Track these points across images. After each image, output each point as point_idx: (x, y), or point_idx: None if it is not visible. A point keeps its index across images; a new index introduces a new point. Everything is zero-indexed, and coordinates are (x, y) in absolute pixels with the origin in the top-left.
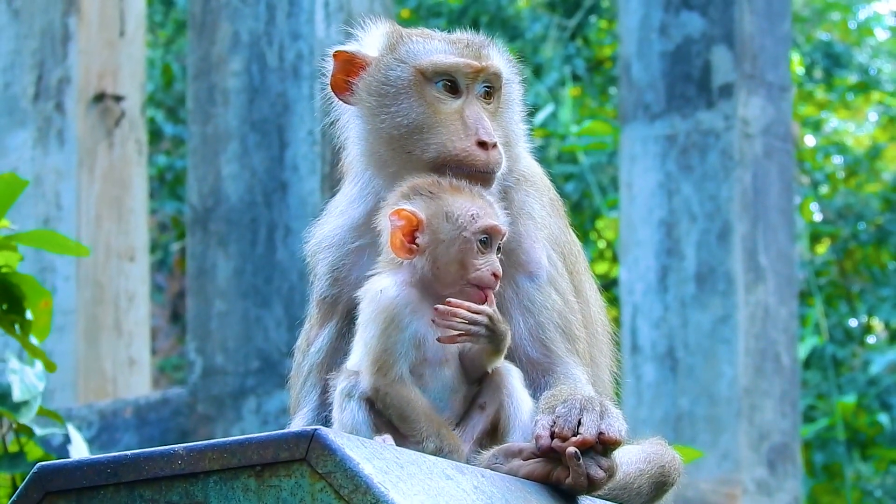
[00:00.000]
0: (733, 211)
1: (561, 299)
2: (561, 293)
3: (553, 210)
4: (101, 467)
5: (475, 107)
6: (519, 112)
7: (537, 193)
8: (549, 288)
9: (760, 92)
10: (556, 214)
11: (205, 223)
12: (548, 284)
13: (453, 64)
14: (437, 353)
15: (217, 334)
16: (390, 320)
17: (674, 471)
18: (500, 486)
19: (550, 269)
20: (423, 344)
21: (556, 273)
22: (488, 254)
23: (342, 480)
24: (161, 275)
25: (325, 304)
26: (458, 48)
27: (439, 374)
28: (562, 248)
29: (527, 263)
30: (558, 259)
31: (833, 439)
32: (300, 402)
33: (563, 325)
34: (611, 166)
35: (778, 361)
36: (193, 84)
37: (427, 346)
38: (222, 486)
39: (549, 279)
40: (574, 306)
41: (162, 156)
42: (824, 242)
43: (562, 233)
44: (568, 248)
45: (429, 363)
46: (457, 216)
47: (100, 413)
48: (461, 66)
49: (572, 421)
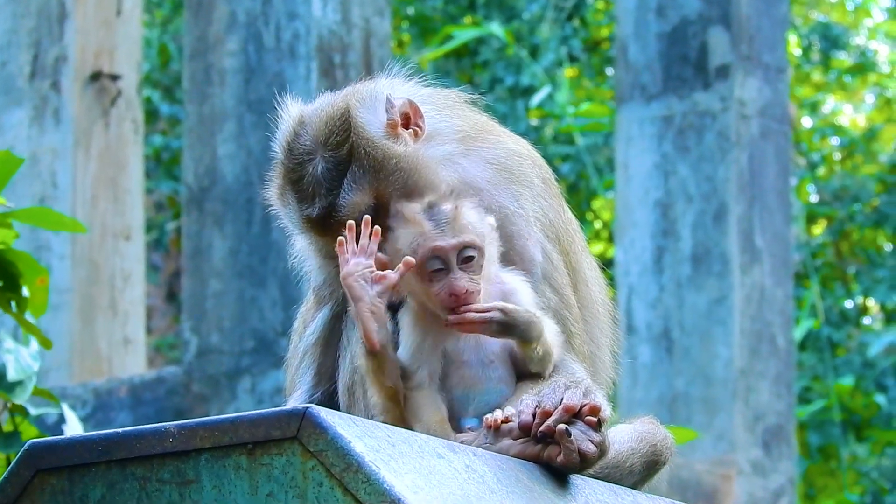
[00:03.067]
0: (729, 192)
1: (556, 296)
2: (556, 288)
3: (546, 190)
4: (93, 445)
5: None
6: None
7: (526, 177)
8: (544, 285)
9: (757, 73)
10: (549, 195)
11: (201, 203)
12: (542, 281)
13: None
14: (476, 355)
15: (212, 314)
16: (412, 329)
17: (666, 450)
18: (491, 465)
19: (545, 265)
20: (455, 349)
21: (551, 266)
22: (445, 275)
23: (333, 459)
24: (157, 254)
25: (320, 291)
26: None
27: (486, 375)
28: (556, 231)
29: (519, 262)
30: (553, 248)
31: (828, 421)
32: (295, 384)
33: (559, 323)
34: (607, 147)
35: (773, 343)
36: (190, 64)
37: (461, 349)
38: (214, 464)
39: (543, 275)
40: (570, 301)
41: (158, 136)
42: (820, 224)
43: (556, 214)
44: (563, 228)
45: (469, 365)
46: (403, 253)
47: (95, 392)
48: None
49: (556, 399)
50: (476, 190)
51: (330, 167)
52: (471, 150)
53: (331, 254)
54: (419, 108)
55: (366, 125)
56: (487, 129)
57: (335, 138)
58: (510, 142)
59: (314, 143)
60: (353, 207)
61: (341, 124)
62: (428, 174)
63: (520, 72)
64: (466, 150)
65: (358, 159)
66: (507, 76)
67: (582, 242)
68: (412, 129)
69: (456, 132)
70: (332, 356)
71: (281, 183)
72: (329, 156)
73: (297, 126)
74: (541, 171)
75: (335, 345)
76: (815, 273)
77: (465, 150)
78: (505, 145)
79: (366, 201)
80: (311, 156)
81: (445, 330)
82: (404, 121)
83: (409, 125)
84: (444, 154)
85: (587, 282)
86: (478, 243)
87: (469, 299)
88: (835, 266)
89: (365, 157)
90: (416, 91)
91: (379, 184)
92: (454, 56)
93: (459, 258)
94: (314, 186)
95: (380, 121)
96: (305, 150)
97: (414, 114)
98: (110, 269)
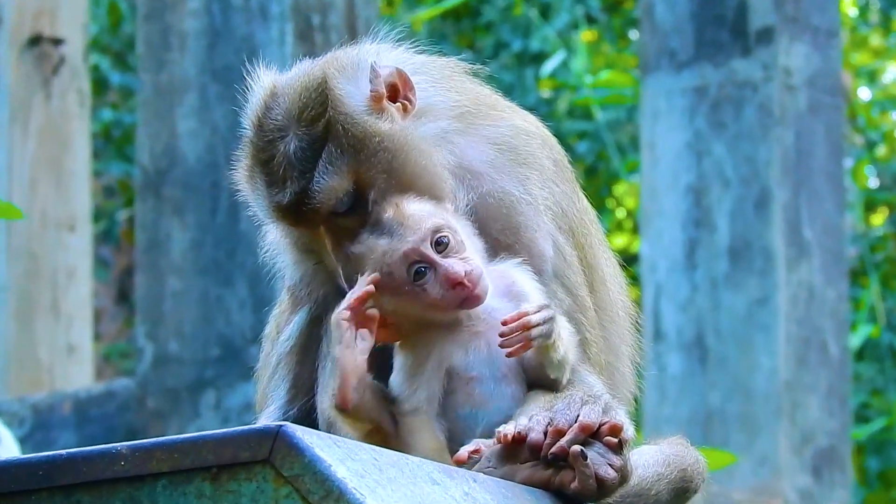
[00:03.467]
0: (773, 176)
1: (569, 296)
2: (569, 288)
3: (557, 174)
4: (33, 469)
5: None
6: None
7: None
8: (556, 284)
9: (805, 37)
10: (561, 179)
11: (157, 188)
12: (553, 280)
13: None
14: (489, 369)
15: (171, 317)
16: (413, 350)
17: (697, 475)
18: (493, 493)
19: (556, 260)
20: (463, 363)
21: (564, 263)
22: (433, 274)
23: (311, 485)
24: (106, 247)
25: (297, 291)
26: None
27: (498, 392)
28: (570, 222)
29: (527, 258)
30: (566, 241)
31: (890, 442)
32: (267, 398)
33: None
34: (631, 123)
35: (825, 351)
36: (144, 25)
37: (470, 363)
38: (172, 491)
39: (554, 273)
40: (585, 302)
41: (108, 109)
42: (881, 212)
43: (569, 202)
44: (577, 218)
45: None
46: (376, 268)
47: (33, 408)
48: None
49: (571, 415)
50: (475, 174)
51: (304, 146)
52: (470, 128)
53: (308, 247)
54: (409, 79)
55: (345, 97)
56: (490, 103)
57: (309, 113)
58: (517, 118)
59: (287, 118)
60: (329, 193)
61: (317, 96)
62: (417, 156)
63: (529, 35)
64: (465, 127)
65: (335, 137)
66: (515, 40)
67: (599, 235)
68: (401, 103)
69: (452, 107)
70: (309, 366)
71: (249, 164)
72: (302, 133)
73: (269, 98)
74: (552, 151)
75: (314, 353)
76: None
77: (464, 128)
78: (511, 122)
79: (344, 186)
80: (282, 133)
81: (451, 345)
82: (391, 93)
83: (396, 98)
84: (437, 132)
85: (605, 281)
86: (441, 223)
87: (473, 279)
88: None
89: (343, 135)
90: (406, 59)
91: (359, 166)
92: (452, 17)
93: (436, 248)
94: (285, 168)
95: (362, 93)
96: (277, 126)
97: (403, 85)
98: (52, 265)
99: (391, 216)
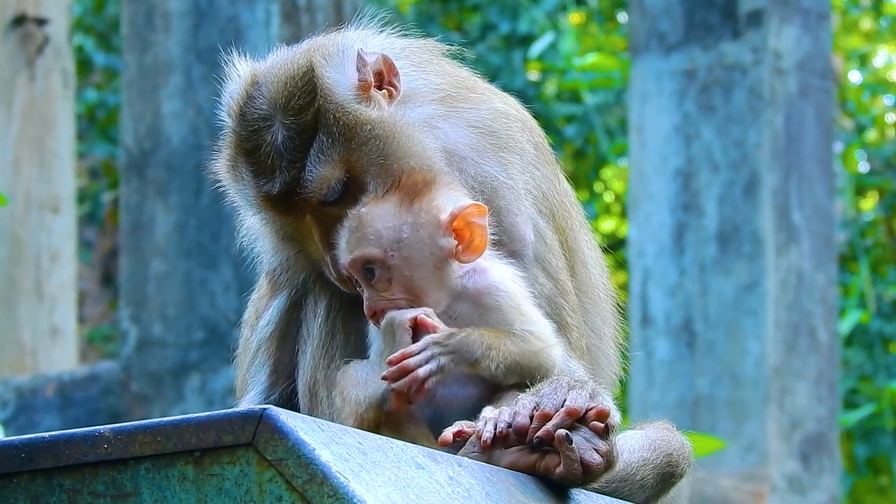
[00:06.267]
0: (762, 159)
1: (550, 280)
2: (550, 272)
3: (538, 157)
4: (14, 451)
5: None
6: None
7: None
8: (536, 268)
9: (795, 20)
10: (541, 162)
11: (141, 169)
12: (534, 264)
13: None
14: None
15: (155, 300)
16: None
17: (683, 460)
18: (479, 477)
19: (537, 244)
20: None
21: (545, 247)
22: (368, 287)
23: (295, 469)
24: (90, 230)
25: (276, 276)
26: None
27: (464, 394)
28: (550, 206)
29: (508, 242)
30: (546, 225)
31: (878, 428)
32: (247, 383)
33: (553, 314)
34: (619, 106)
35: (813, 337)
36: (129, 6)
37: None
38: (155, 474)
39: (535, 257)
40: (566, 286)
41: (92, 90)
42: (871, 197)
43: (550, 185)
44: (558, 201)
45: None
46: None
47: (17, 391)
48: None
49: (557, 400)
50: (458, 158)
51: (292, 135)
52: (452, 112)
53: (290, 235)
54: (394, 65)
55: (334, 86)
56: (469, 86)
57: (297, 102)
58: (496, 101)
59: (271, 106)
60: (322, 182)
61: (304, 85)
62: (407, 142)
63: (517, 17)
64: (447, 111)
65: (326, 126)
66: (502, 22)
67: (580, 218)
68: (386, 90)
69: (434, 91)
70: (289, 351)
71: (232, 153)
72: (290, 122)
73: (250, 87)
74: (532, 135)
75: (293, 338)
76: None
77: (446, 112)
78: (490, 105)
79: (336, 175)
80: (267, 122)
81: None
82: (377, 80)
83: (382, 85)
84: (422, 117)
85: (586, 264)
86: (374, 256)
87: (377, 319)
88: (887, 247)
89: (334, 124)
90: (390, 44)
91: (350, 155)
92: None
93: (363, 274)
94: (273, 158)
95: (350, 81)
96: (261, 116)
97: (388, 71)
98: (35, 247)
99: (353, 218)
